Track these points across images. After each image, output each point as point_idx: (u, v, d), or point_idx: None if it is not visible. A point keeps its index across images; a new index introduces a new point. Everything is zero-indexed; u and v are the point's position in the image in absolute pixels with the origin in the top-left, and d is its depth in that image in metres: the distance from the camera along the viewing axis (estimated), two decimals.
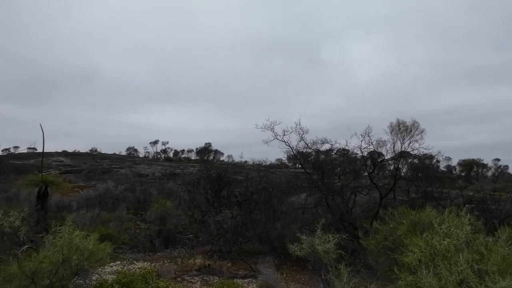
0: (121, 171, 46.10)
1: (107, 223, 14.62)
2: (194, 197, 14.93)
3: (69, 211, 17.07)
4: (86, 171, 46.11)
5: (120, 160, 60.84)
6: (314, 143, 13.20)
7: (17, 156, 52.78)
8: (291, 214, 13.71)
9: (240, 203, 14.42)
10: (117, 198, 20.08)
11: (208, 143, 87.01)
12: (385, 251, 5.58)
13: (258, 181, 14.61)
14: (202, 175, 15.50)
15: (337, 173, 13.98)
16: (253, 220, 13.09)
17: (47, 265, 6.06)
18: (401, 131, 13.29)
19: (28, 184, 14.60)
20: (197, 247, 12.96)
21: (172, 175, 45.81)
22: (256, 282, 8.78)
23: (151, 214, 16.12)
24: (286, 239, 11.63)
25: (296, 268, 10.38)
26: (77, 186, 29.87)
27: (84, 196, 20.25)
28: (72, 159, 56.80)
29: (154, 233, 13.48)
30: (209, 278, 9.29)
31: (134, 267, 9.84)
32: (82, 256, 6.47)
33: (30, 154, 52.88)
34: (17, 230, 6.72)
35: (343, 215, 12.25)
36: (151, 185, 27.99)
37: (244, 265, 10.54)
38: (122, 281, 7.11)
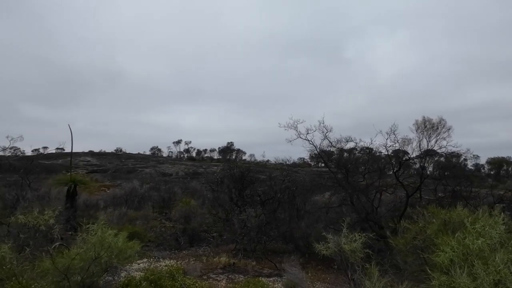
0: (145, 170, 47.01)
1: (133, 221, 14.93)
2: (218, 196, 15.04)
3: (96, 210, 17.51)
4: (111, 171, 47.17)
5: (145, 160, 61.97)
6: (338, 142, 13.07)
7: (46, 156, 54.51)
8: (315, 213, 13.64)
9: (263, 202, 14.44)
10: (143, 197, 20.47)
11: (230, 143, 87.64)
12: (415, 251, 5.48)
13: (282, 180, 14.59)
14: (225, 174, 15.59)
15: (361, 172, 13.80)
16: (277, 219, 13.08)
17: (78, 261, 6.23)
18: (427, 129, 13.00)
19: (58, 183, 15.06)
20: (221, 246, 13.05)
21: (195, 174, 46.35)
22: (281, 281, 8.76)
23: (176, 212, 16.33)
24: (310, 238, 11.59)
25: (321, 267, 10.31)
26: (103, 185, 30.55)
27: (110, 195, 20.73)
28: (98, 159, 58.22)
29: (179, 232, 13.65)
30: (234, 277, 9.34)
31: (161, 265, 9.99)
32: (112, 253, 6.61)
33: (58, 154, 54.44)
34: (51, 228, 6.90)
35: (368, 214, 12.09)
36: (175, 184, 28.39)
37: (268, 264, 10.54)
38: (150, 278, 7.23)
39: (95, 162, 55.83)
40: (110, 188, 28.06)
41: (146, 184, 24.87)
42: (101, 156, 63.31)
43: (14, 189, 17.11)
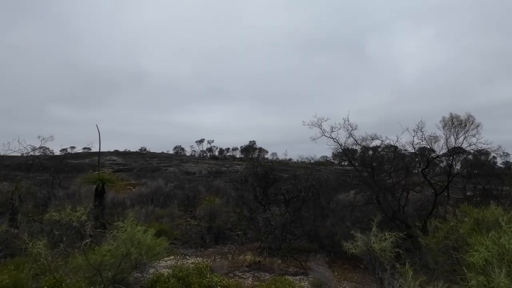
0: (169, 169, 47.65)
1: (159, 219, 15.17)
2: (242, 194, 15.10)
3: (123, 208, 17.88)
4: (136, 170, 48.03)
5: (168, 159, 62.78)
6: (364, 140, 12.92)
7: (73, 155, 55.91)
8: (340, 211, 13.53)
9: (287, 200, 14.42)
10: (168, 195, 20.76)
11: (252, 141, 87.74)
12: (446, 250, 5.35)
13: (306, 179, 14.52)
14: (249, 172, 15.65)
15: (387, 170, 13.59)
16: (301, 218, 13.04)
17: (109, 258, 6.38)
18: (455, 126, 12.69)
19: (87, 182, 15.46)
20: (246, 244, 13.10)
21: (218, 173, 46.65)
22: (307, 280, 8.73)
23: (201, 211, 16.49)
24: (336, 237, 11.52)
25: (348, 266, 10.22)
26: (128, 184, 31.12)
27: (136, 193, 21.12)
28: (123, 158, 59.38)
29: (205, 229, 13.78)
30: (260, 275, 9.36)
31: (187, 262, 10.13)
32: (141, 250, 6.74)
33: (85, 154, 55.81)
34: (83, 225, 7.09)
35: (395, 213, 11.90)
36: (198, 182, 28.66)
37: (294, 262, 10.52)
38: (178, 275, 7.32)
39: (120, 161, 56.98)
40: (135, 186, 28.58)
41: (170, 182, 25.23)
42: (126, 156, 64.55)
43: (45, 188, 17.68)
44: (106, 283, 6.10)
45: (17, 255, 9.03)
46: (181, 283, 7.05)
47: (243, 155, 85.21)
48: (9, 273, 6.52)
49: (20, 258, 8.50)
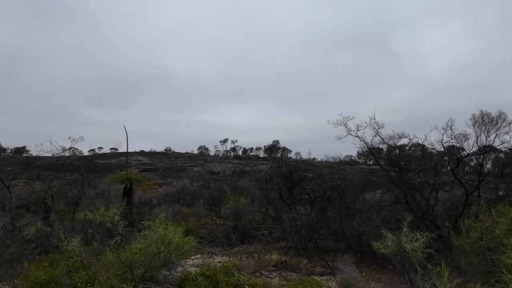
0: (194, 169, 48.15)
1: (186, 218, 15.37)
2: (267, 194, 15.11)
3: (150, 207, 18.21)
4: (162, 169, 48.77)
5: (193, 159, 63.46)
6: (391, 138, 12.68)
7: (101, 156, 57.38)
8: (367, 211, 13.34)
9: (312, 200, 14.33)
10: (193, 194, 21.00)
11: (276, 141, 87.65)
12: (481, 251, 5.19)
13: (331, 178, 14.39)
14: (275, 172, 15.64)
15: (415, 169, 13.30)
16: (327, 217, 12.93)
17: (139, 256, 6.51)
18: (485, 123, 12.28)
19: (115, 182, 15.81)
20: (271, 243, 13.11)
21: (242, 172, 46.79)
22: (335, 280, 8.66)
23: (226, 210, 16.59)
24: (363, 237, 11.38)
25: (375, 267, 10.08)
26: (154, 184, 31.65)
27: (163, 193, 21.45)
28: (149, 158, 60.42)
29: (230, 229, 13.87)
30: (287, 274, 9.35)
31: (214, 261, 10.23)
32: (170, 248, 6.85)
33: (113, 154, 57.10)
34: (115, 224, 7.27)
35: (424, 213, 11.65)
36: (223, 182, 28.84)
37: (320, 262, 10.45)
38: (206, 273, 7.40)
39: (146, 161, 57.98)
40: (161, 186, 29.04)
41: (195, 182, 25.50)
42: (152, 155, 65.66)
43: (76, 187, 18.18)
44: (137, 281, 6.23)
45: (51, 252, 9.35)
46: (209, 282, 7.13)
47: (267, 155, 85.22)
48: (44, 269, 6.74)
49: (53, 255, 8.79)
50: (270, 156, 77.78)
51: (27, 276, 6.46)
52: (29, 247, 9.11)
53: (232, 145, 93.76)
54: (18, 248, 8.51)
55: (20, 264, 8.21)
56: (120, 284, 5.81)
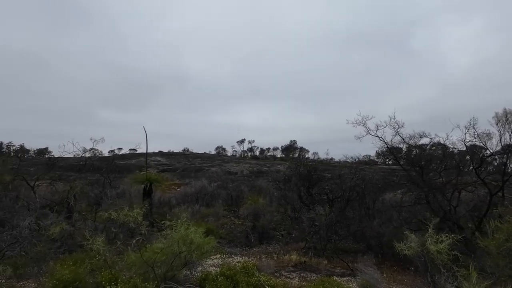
0: (212, 169, 48.45)
1: (205, 218, 15.47)
2: (286, 194, 15.08)
3: (169, 207, 18.39)
4: (180, 170, 49.21)
5: (210, 159, 63.84)
6: (411, 137, 12.49)
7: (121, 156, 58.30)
8: (387, 212, 13.16)
9: (331, 200, 14.23)
10: (211, 194, 21.12)
11: (293, 141, 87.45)
12: (508, 254, 5.05)
13: (350, 178, 14.26)
14: (293, 172, 15.59)
15: (436, 169, 13.05)
16: (346, 218, 12.82)
17: (161, 255, 6.59)
18: (509, 122, 11.97)
19: (136, 182, 16.05)
20: (290, 244, 13.07)
21: (259, 172, 46.83)
22: (355, 281, 8.57)
23: (244, 210, 16.63)
24: (384, 238, 11.23)
25: (396, 268, 9.93)
26: (173, 184, 31.95)
27: (182, 193, 21.65)
28: (167, 159, 61.05)
29: (249, 229, 13.89)
30: (306, 275, 9.31)
31: (233, 261, 10.26)
32: (191, 248, 6.91)
33: (132, 155, 58.07)
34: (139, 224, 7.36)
35: (446, 214, 11.42)
36: (240, 182, 28.90)
37: (340, 263, 10.36)
38: (226, 273, 7.43)
39: (164, 161, 58.61)
40: (180, 186, 29.31)
41: (213, 182, 25.63)
42: (170, 156, 66.33)
43: (97, 187, 18.53)
44: (159, 280, 6.31)
45: (74, 251, 9.55)
46: (229, 282, 7.15)
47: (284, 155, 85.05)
48: (69, 268, 6.89)
49: (77, 254, 8.98)
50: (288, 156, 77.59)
51: (53, 274, 6.61)
52: (53, 246, 9.32)
53: (249, 145, 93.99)
54: (44, 247, 8.72)
55: (45, 263, 8.41)
56: (142, 283, 5.89)
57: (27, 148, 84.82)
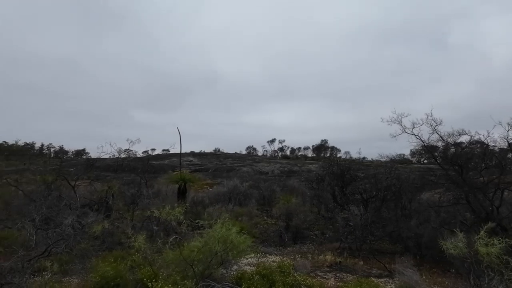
0: (243, 169, 48.73)
1: (238, 218, 15.58)
2: (319, 194, 14.96)
3: (203, 206, 18.64)
4: (212, 170, 49.80)
5: (241, 159, 64.26)
6: (450, 135, 12.07)
7: (154, 157, 59.66)
8: (424, 212, 12.79)
9: (365, 200, 13.99)
10: (244, 194, 21.24)
11: (324, 140, 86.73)
12: None
13: (386, 177, 13.96)
14: (326, 171, 15.44)
15: (477, 168, 12.55)
16: (382, 218, 12.57)
17: (198, 254, 6.68)
18: None
19: (170, 181, 16.40)
20: (325, 244, 12.95)
21: (290, 172, 46.72)
22: (393, 283, 8.38)
23: (277, 210, 16.62)
24: (422, 239, 10.93)
25: (436, 270, 9.63)
26: (205, 184, 32.38)
27: (214, 192, 21.90)
28: (199, 159, 61.96)
29: (282, 228, 13.86)
30: (342, 275, 9.19)
31: (268, 260, 10.26)
32: (227, 247, 6.97)
33: (165, 155, 59.29)
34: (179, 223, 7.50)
35: (488, 214, 10.97)
36: (272, 182, 28.91)
37: (377, 264, 10.17)
38: (262, 272, 7.45)
39: (196, 161, 59.55)
40: (212, 186, 29.66)
41: (245, 182, 25.76)
42: (202, 156, 67.31)
43: (133, 187, 19.03)
44: (197, 278, 6.40)
45: (114, 249, 9.86)
46: (265, 281, 7.16)
47: (315, 154, 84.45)
48: (110, 265, 7.12)
49: (117, 252, 9.27)
50: (318, 156, 76.99)
51: (96, 270, 6.85)
52: (95, 243, 9.66)
53: (279, 145, 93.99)
54: (87, 244, 9.05)
55: (88, 260, 8.72)
56: (182, 280, 6.00)
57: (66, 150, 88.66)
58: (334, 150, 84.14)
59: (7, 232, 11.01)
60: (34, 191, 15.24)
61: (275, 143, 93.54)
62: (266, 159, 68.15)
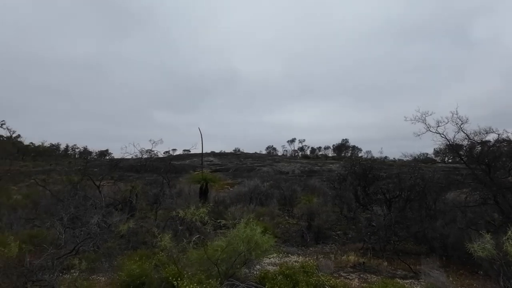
0: (263, 169, 48.76)
1: (260, 217, 15.59)
2: (342, 193, 14.82)
3: (224, 206, 18.74)
4: (232, 169, 50.02)
5: (261, 159, 64.33)
6: (476, 134, 11.76)
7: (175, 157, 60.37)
8: (450, 212, 12.51)
9: (389, 200, 13.79)
10: (264, 194, 21.25)
11: (345, 139, 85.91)
12: None
13: (409, 177, 13.72)
14: (348, 171, 15.29)
15: (506, 167, 12.19)
16: (406, 218, 12.36)
17: (223, 253, 6.73)
18: None
19: (192, 181, 16.57)
20: (347, 244, 12.83)
21: (311, 172, 46.48)
22: (419, 284, 8.23)
23: (299, 210, 16.56)
24: (448, 240, 10.69)
25: (463, 272, 9.40)
26: (226, 183, 32.53)
27: (235, 192, 21.98)
28: (219, 159, 62.36)
29: (304, 228, 13.81)
30: (366, 276, 9.09)
31: (290, 260, 10.24)
32: (250, 247, 7.00)
33: (185, 155, 59.89)
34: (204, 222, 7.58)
35: None
36: (293, 182, 28.82)
37: (401, 265, 10.01)
38: (285, 272, 7.43)
39: (217, 161, 59.97)
40: (233, 186, 29.79)
41: (266, 182, 25.78)
42: (222, 156, 67.75)
43: (155, 187, 19.32)
44: (222, 277, 6.45)
45: (138, 248, 10.03)
46: (289, 281, 7.14)
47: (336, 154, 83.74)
48: (136, 263, 7.25)
49: (141, 251, 9.42)
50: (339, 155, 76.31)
51: (124, 269, 6.98)
52: (120, 242, 9.85)
53: (299, 144, 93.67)
54: (114, 243, 9.25)
55: (113, 258, 8.91)
56: (207, 279, 6.05)
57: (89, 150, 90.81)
58: (355, 150, 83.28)
59: (36, 230, 11.35)
60: (61, 191, 15.67)
61: (295, 142, 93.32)
62: (286, 159, 68.02)
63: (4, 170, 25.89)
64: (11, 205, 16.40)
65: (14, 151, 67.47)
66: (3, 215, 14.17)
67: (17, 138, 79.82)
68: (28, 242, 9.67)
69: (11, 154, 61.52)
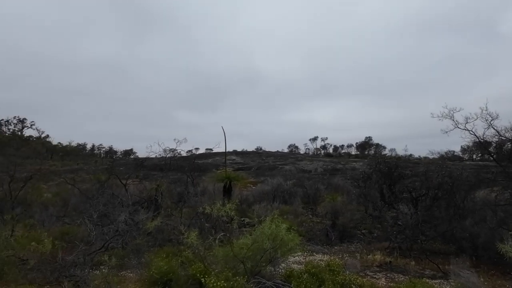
0: (285, 167, 48.68)
1: (283, 216, 15.58)
2: (367, 192, 14.63)
3: (248, 204, 18.82)
4: (254, 168, 50.14)
5: (283, 157, 64.21)
6: (508, 130, 11.38)
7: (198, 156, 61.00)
8: (480, 211, 12.16)
9: (415, 198, 13.52)
10: (288, 192, 21.23)
11: (368, 137, 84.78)
12: None
13: (437, 175, 13.40)
14: (373, 169, 15.07)
15: None
16: (433, 217, 12.09)
17: (249, 251, 6.76)
18: None
19: (216, 180, 16.70)
20: (373, 243, 12.68)
21: (334, 170, 46.09)
22: (449, 284, 8.05)
23: (323, 208, 16.47)
24: (479, 240, 10.41)
25: (495, 272, 9.14)
26: (249, 182, 32.63)
27: (258, 191, 22.04)
28: (242, 158, 62.60)
29: (329, 227, 13.72)
30: (393, 276, 8.95)
31: (315, 259, 10.21)
32: (276, 244, 7.00)
33: (208, 154, 60.42)
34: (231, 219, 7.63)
35: None
36: (316, 180, 28.67)
37: (430, 264, 9.81)
38: (311, 271, 7.41)
39: (239, 160, 60.22)
40: (255, 184, 29.87)
41: (289, 180, 25.73)
42: (244, 155, 67.96)
43: (179, 185, 19.59)
44: (248, 275, 6.48)
45: (164, 245, 10.20)
46: (314, 279, 7.11)
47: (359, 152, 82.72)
48: (163, 260, 7.38)
49: (167, 248, 9.57)
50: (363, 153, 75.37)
51: (152, 265, 7.12)
52: (148, 239, 10.04)
53: (322, 143, 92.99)
54: (142, 240, 9.43)
55: (141, 255, 9.09)
56: (234, 276, 6.09)
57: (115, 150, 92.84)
58: (379, 148, 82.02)
59: (67, 227, 11.70)
60: (89, 189, 16.09)
61: (317, 141, 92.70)
62: (309, 157, 67.69)
63: (35, 169, 26.74)
64: (42, 203, 16.98)
65: (43, 151, 69.70)
66: (35, 212, 14.69)
67: (45, 138, 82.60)
68: (60, 238, 9.99)
69: (40, 154, 63.62)
